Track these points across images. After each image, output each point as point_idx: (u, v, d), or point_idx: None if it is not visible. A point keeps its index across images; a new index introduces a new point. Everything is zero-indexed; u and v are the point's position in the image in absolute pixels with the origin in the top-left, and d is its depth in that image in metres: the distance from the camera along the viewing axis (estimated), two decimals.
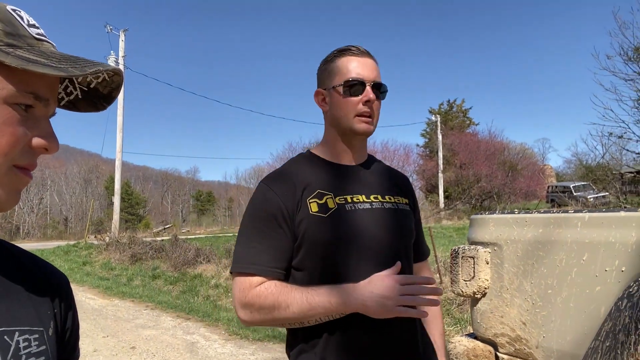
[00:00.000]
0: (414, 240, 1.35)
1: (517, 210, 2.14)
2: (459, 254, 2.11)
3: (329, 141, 1.33)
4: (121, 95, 18.78)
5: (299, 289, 1.14)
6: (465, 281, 2.06)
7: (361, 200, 1.25)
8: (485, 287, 2.02)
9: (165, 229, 31.29)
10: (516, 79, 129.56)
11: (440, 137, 31.90)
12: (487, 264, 2.02)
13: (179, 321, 6.64)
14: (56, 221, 47.42)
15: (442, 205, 30.22)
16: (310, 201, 1.21)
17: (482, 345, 2.03)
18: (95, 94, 0.70)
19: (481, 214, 2.20)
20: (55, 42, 0.65)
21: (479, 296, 2.04)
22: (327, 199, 1.22)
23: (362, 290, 1.10)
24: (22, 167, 0.62)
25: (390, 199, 1.30)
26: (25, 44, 0.59)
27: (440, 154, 31.44)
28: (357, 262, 1.19)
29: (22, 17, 0.61)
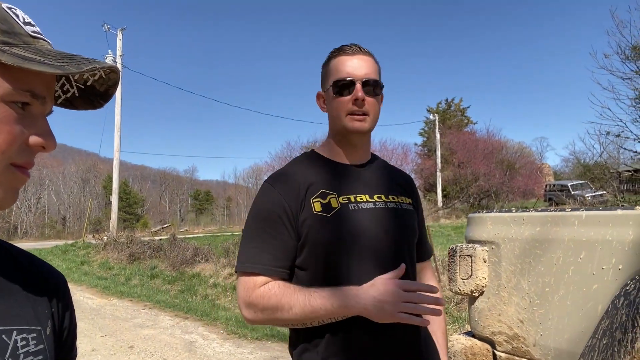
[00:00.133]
0: (417, 239, 1.35)
1: (515, 208, 2.15)
2: (456, 252, 2.11)
3: (331, 141, 1.34)
4: (119, 94, 18.73)
5: (302, 290, 1.14)
6: (463, 279, 2.06)
7: (364, 199, 1.25)
8: (482, 286, 2.02)
9: (163, 228, 31.26)
10: (514, 78, 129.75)
11: (438, 136, 31.92)
12: (485, 262, 2.02)
13: (177, 320, 6.64)
14: (54, 220, 47.33)
15: (440, 204, 30.25)
16: (313, 201, 1.21)
17: (479, 343, 2.03)
18: (92, 92, 0.70)
19: (479, 212, 2.20)
20: (52, 41, 0.65)
21: (476, 294, 2.04)
22: (331, 198, 1.23)
23: (364, 294, 1.11)
24: (19, 166, 0.62)
25: (393, 198, 1.30)
26: (21, 41, 0.59)
27: (438, 153, 31.46)
28: (360, 262, 1.19)
29: (17, 15, 0.61)
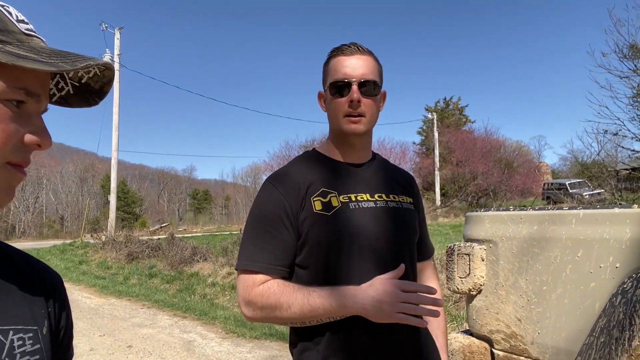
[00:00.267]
0: (417, 239, 1.35)
1: (513, 207, 2.15)
2: (454, 251, 2.11)
3: (331, 140, 1.34)
4: (117, 93, 18.69)
5: (301, 289, 1.15)
6: (460, 278, 2.06)
7: (365, 198, 1.25)
8: (480, 284, 2.02)
9: (161, 227, 31.23)
10: (512, 77, 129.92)
11: (436, 134, 31.94)
12: (483, 261, 2.02)
13: (176, 320, 6.64)
14: (52, 220, 47.26)
15: (438, 202, 30.27)
16: (314, 199, 1.22)
17: (477, 341, 2.03)
18: (86, 89, 0.70)
19: (477, 211, 2.20)
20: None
21: (474, 293, 2.05)
22: (331, 197, 1.23)
23: (363, 293, 1.11)
24: (15, 164, 0.62)
25: (394, 197, 1.30)
26: (14, 39, 0.59)
27: (436, 152, 31.48)
28: (360, 261, 1.19)
29: (10, 13, 0.61)
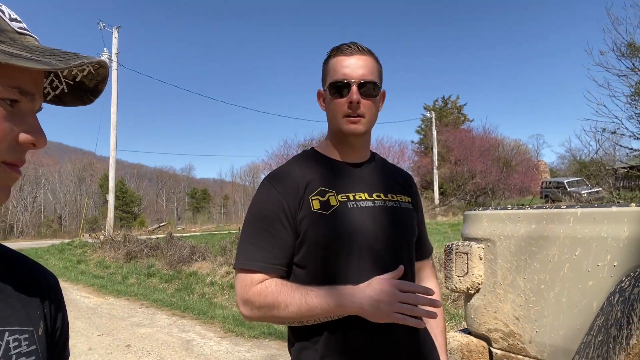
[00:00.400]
0: (415, 238, 1.35)
1: (511, 206, 2.15)
2: (452, 249, 2.11)
3: (330, 140, 1.34)
4: (115, 92, 18.65)
5: (299, 288, 1.14)
6: (459, 277, 2.06)
7: (363, 198, 1.25)
8: (478, 283, 2.02)
9: (160, 226, 31.22)
10: (510, 76, 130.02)
11: (435, 133, 31.97)
12: (481, 259, 2.02)
13: (175, 319, 6.63)
14: (50, 220, 47.19)
15: (437, 201, 30.31)
16: (312, 198, 1.21)
17: (475, 340, 2.03)
18: (81, 88, 0.69)
19: (475, 210, 2.20)
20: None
21: (472, 292, 2.05)
22: (329, 196, 1.22)
23: (360, 293, 1.11)
24: (10, 164, 0.61)
25: (392, 197, 1.30)
26: (7, 38, 0.58)
27: (435, 151, 31.51)
28: (358, 260, 1.19)
29: (3, 12, 0.60)
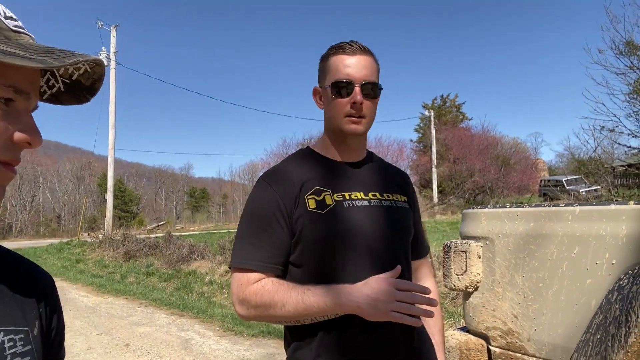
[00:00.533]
0: (412, 237, 1.35)
1: (509, 204, 2.14)
2: (451, 248, 2.11)
3: (327, 139, 1.33)
4: (113, 91, 18.61)
5: (296, 287, 1.14)
6: (457, 275, 2.06)
7: (359, 197, 1.25)
8: (477, 281, 2.02)
9: (159, 225, 31.21)
10: (509, 74, 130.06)
11: (433, 132, 31.96)
12: (479, 258, 2.02)
13: (173, 318, 6.63)
14: (49, 219, 47.15)
15: (435, 200, 30.32)
16: (308, 197, 1.21)
17: (474, 338, 2.03)
18: (77, 86, 0.69)
19: (473, 208, 2.20)
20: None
21: (471, 290, 2.04)
22: (325, 195, 1.22)
23: (358, 292, 1.11)
24: (5, 163, 0.61)
25: (388, 196, 1.30)
26: (2, 36, 0.58)
27: (433, 149, 31.51)
28: (354, 259, 1.19)
29: None
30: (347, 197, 1.24)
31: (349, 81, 1.22)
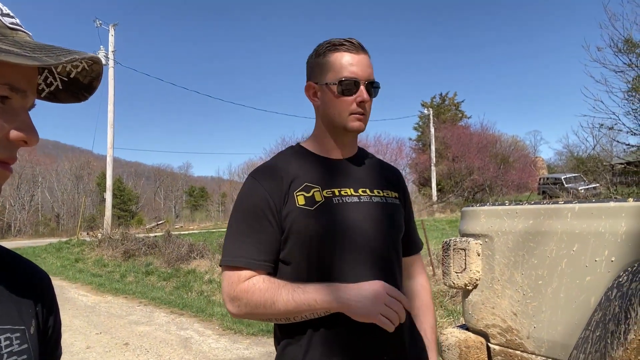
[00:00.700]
0: (403, 234, 1.34)
1: (508, 202, 2.15)
2: (450, 246, 2.11)
3: (319, 135, 1.32)
4: (112, 90, 18.57)
5: (286, 285, 1.14)
6: (456, 273, 2.06)
7: (349, 193, 1.24)
8: (476, 279, 2.02)
9: (158, 225, 31.19)
10: (508, 72, 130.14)
11: (432, 130, 31.95)
12: (479, 255, 2.02)
13: (173, 317, 6.63)
14: (48, 218, 47.10)
15: (434, 198, 30.35)
16: (297, 194, 1.20)
17: (473, 336, 2.03)
18: (75, 85, 0.69)
19: (472, 206, 2.20)
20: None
21: (470, 288, 2.04)
22: (315, 192, 1.21)
23: (349, 291, 1.11)
24: (1, 161, 0.60)
25: (379, 192, 1.29)
26: None
27: (432, 147, 31.51)
28: (344, 256, 1.19)
29: None
30: (337, 194, 1.23)
31: (356, 79, 1.22)
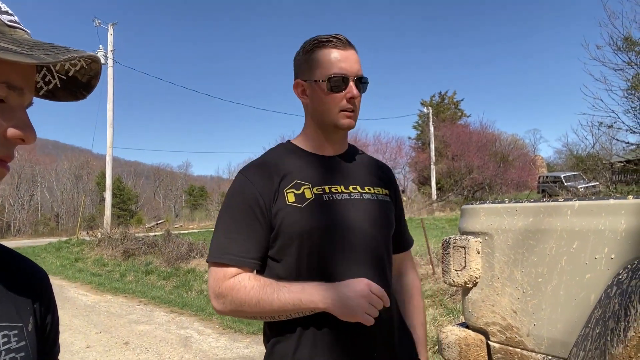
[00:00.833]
0: (393, 231, 1.34)
1: (508, 199, 2.14)
2: (450, 244, 2.11)
3: (309, 132, 1.31)
4: (111, 89, 18.56)
5: (272, 284, 1.14)
6: (456, 271, 2.06)
7: (339, 190, 1.24)
8: (476, 277, 2.02)
9: (157, 224, 31.17)
10: (507, 70, 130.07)
11: (432, 129, 31.93)
12: (478, 253, 2.02)
13: (173, 316, 6.63)
14: (47, 218, 47.08)
15: (434, 197, 30.34)
16: (287, 191, 1.20)
17: (473, 334, 2.03)
18: (74, 83, 0.68)
19: (472, 203, 2.19)
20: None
21: (470, 286, 2.04)
22: (305, 189, 1.21)
23: (333, 291, 1.11)
24: None
25: (369, 189, 1.29)
26: None
27: (432, 146, 31.50)
28: (334, 253, 1.18)
29: None
30: (327, 191, 1.22)
31: (344, 75, 1.21)
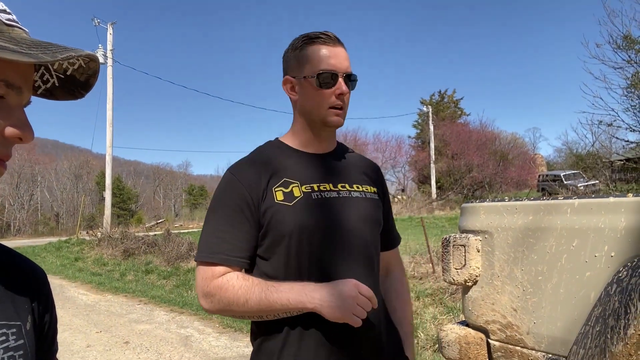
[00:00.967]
0: (381, 229, 1.34)
1: (508, 198, 2.14)
2: (450, 242, 2.11)
3: (297, 130, 1.30)
4: (110, 89, 18.54)
5: (260, 283, 1.13)
6: (456, 269, 2.06)
7: (328, 188, 1.23)
8: (476, 275, 2.02)
9: (157, 223, 31.15)
10: (507, 69, 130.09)
11: (431, 127, 31.93)
12: (478, 252, 2.02)
13: (173, 315, 6.63)
14: (47, 217, 47.07)
15: (434, 195, 30.36)
16: (275, 190, 1.19)
17: (473, 332, 2.03)
18: (72, 82, 0.68)
19: (472, 202, 2.19)
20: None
21: (470, 284, 2.04)
22: (293, 187, 1.20)
23: (321, 291, 1.10)
24: None
25: (358, 187, 1.29)
26: None
27: (432, 145, 31.50)
28: (322, 251, 1.18)
29: None
30: (316, 189, 1.22)
31: (334, 72, 1.20)
